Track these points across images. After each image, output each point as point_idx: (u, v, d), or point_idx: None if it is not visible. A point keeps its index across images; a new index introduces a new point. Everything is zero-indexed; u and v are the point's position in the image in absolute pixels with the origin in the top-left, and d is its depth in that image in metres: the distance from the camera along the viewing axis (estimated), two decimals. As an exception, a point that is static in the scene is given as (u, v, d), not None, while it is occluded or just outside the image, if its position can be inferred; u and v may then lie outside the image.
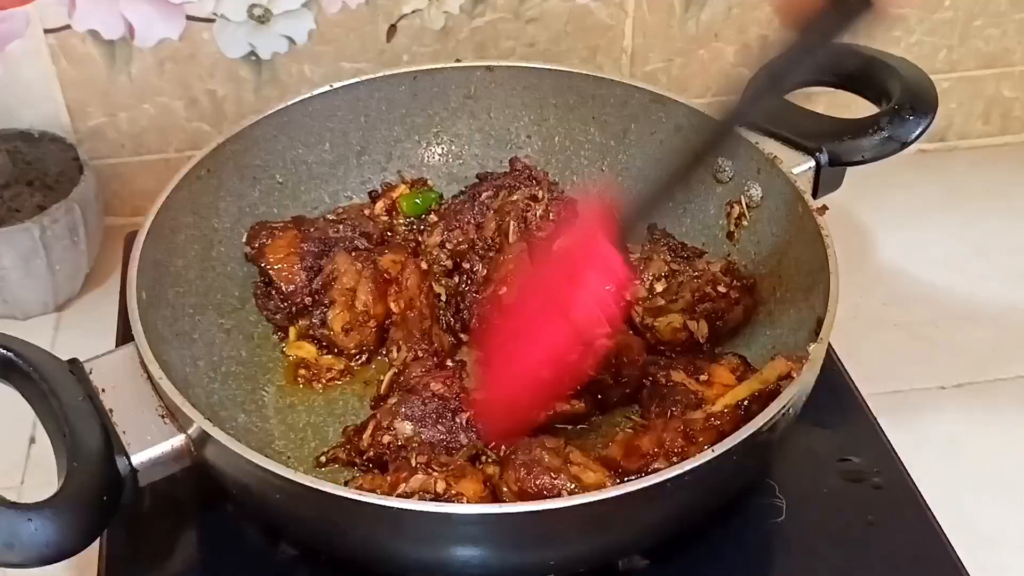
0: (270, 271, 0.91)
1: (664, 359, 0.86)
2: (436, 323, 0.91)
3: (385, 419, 0.80)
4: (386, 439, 0.79)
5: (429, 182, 1.03)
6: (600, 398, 0.84)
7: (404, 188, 1.01)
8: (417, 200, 1.00)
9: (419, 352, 0.87)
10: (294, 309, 0.91)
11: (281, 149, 0.97)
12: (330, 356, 0.91)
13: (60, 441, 0.68)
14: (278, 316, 0.92)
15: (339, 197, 1.01)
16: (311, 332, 0.91)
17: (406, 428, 0.79)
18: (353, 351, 0.90)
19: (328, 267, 0.91)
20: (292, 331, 0.92)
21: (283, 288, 0.91)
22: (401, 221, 1.00)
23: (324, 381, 0.89)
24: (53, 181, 1.02)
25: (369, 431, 0.81)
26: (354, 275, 0.90)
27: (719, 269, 0.90)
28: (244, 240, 0.93)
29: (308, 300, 0.91)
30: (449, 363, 0.85)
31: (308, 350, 0.91)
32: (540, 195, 0.97)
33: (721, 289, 0.88)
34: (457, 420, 0.80)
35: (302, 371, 0.90)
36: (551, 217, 0.98)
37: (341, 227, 0.95)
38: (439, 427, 0.80)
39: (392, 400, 0.82)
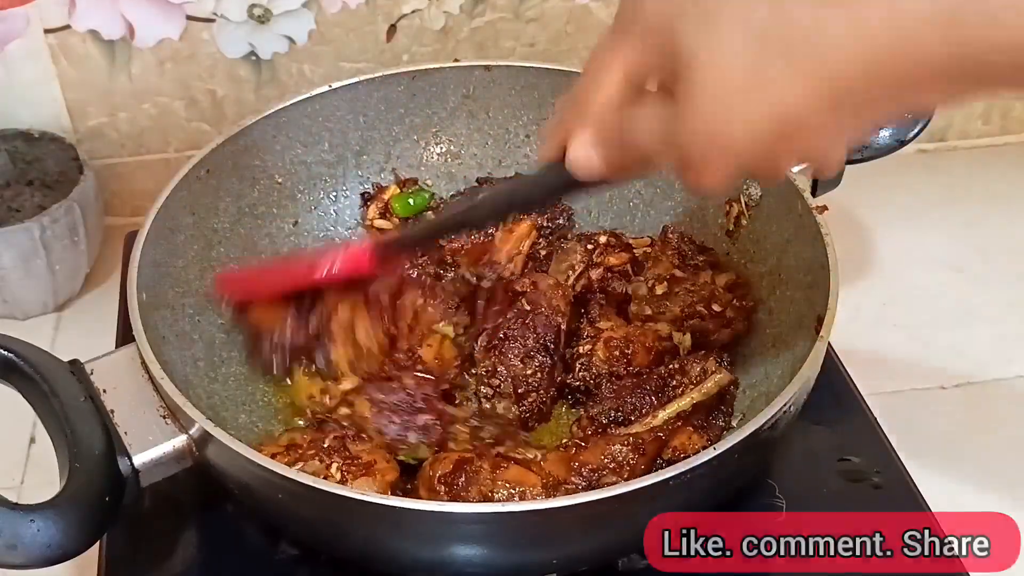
0: (259, 327, 0.84)
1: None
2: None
3: (351, 395, 0.82)
4: (343, 411, 0.80)
5: (420, 182, 1.03)
6: None
7: (395, 189, 1.01)
8: (409, 201, 1.00)
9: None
10: (291, 354, 0.84)
11: (280, 149, 0.97)
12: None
13: (62, 442, 0.68)
14: (276, 366, 0.84)
15: (338, 197, 1.01)
16: (316, 372, 0.86)
17: (364, 408, 0.80)
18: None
19: (320, 308, 0.86)
20: (297, 375, 0.85)
21: (274, 337, 0.83)
22: (395, 223, 0.99)
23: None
24: (53, 181, 1.02)
25: (335, 401, 0.82)
26: (348, 308, 0.89)
27: (724, 284, 0.89)
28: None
29: (306, 342, 0.84)
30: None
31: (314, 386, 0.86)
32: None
33: (716, 308, 0.87)
34: (414, 419, 0.80)
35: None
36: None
37: None
38: (394, 419, 0.80)
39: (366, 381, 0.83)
